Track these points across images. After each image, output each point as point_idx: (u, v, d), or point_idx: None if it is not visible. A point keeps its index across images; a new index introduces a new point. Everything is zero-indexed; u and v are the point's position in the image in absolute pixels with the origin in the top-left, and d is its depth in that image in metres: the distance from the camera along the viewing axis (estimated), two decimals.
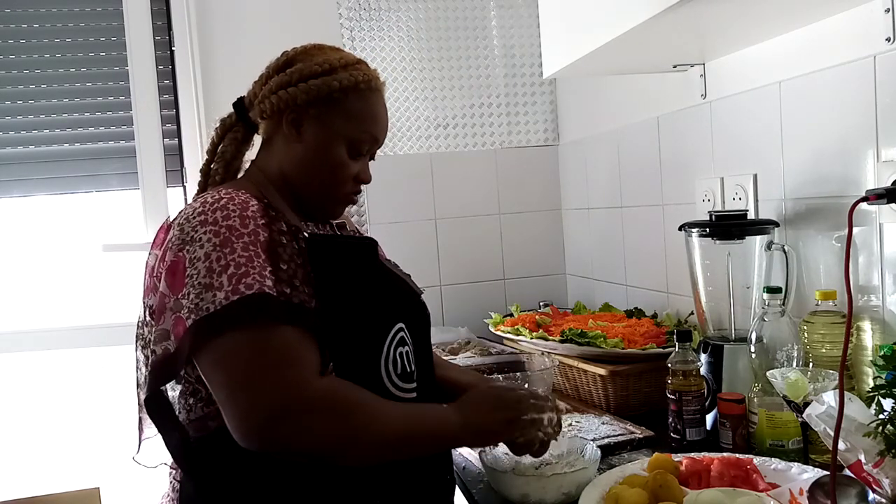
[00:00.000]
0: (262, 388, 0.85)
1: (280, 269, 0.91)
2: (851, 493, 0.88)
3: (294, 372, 0.87)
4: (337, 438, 0.89)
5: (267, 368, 0.85)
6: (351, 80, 1.04)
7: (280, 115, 1.05)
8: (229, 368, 0.86)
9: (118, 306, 2.15)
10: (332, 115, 1.05)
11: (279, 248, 0.93)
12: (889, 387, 0.93)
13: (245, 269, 0.88)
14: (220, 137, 1.12)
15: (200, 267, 0.89)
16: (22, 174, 2.11)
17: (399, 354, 1.01)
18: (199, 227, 0.92)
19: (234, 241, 0.90)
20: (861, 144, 1.21)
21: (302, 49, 1.09)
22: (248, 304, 0.86)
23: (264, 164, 1.09)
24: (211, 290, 0.87)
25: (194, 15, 2.15)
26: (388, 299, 1.05)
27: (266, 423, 0.84)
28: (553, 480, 1.07)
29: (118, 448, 1.18)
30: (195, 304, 0.87)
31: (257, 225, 0.93)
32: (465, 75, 2.36)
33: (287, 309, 0.88)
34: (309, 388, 0.87)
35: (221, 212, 0.92)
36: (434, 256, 2.37)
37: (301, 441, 0.86)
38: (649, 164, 1.88)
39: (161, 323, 0.92)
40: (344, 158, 1.06)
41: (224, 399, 0.86)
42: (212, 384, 0.88)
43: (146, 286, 1.02)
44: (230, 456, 0.89)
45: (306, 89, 1.03)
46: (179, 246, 0.92)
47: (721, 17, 1.20)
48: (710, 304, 1.43)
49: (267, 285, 0.88)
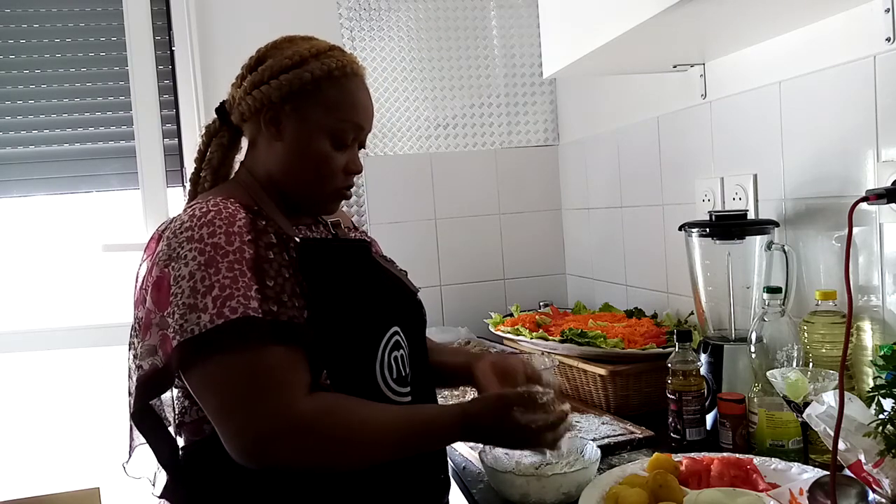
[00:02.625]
0: (250, 413, 0.85)
1: (266, 287, 0.90)
2: (851, 493, 0.88)
3: (281, 395, 0.87)
4: (330, 455, 0.90)
5: (254, 393, 0.86)
6: (323, 68, 1.00)
7: (258, 116, 1.02)
8: (218, 393, 0.86)
9: (118, 306, 2.14)
10: (308, 107, 1.01)
11: (265, 265, 0.91)
12: (889, 387, 0.93)
13: (229, 290, 0.87)
14: (206, 144, 1.11)
15: (185, 286, 0.88)
16: (22, 174, 2.11)
17: (394, 358, 1.01)
18: (186, 243, 0.91)
19: (218, 261, 0.89)
20: (861, 144, 1.21)
21: (272, 44, 1.06)
22: (233, 329, 0.85)
23: (252, 167, 1.07)
24: (196, 312, 0.86)
25: (194, 15, 2.15)
26: (382, 302, 1.04)
27: (257, 447, 0.85)
28: (553, 480, 1.07)
29: (118, 448, 1.18)
30: (180, 325, 0.87)
31: (243, 241, 0.91)
32: (465, 75, 2.36)
33: (273, 329, 0.88)
34: (297, 411, 0.87)
35: (207, 228, 0.91)
36: (434, 256, 2.37)
37: (295, 460, 0.88)
38: (649, 164, 1.88)
39: (147, 338, 0.92)
40: (328, 151, 1.03)
41: (216, 422, 0.87)
42: (203, 406, 0.89)
43: (135, 297, 1.00)
44: (225, 459, 0.90)
45: (278, 85, 1.00)
46: (165, 262, 0.92)
47: (721, 17, 1.20)
48: (710, 304, 1.43)
49: (252, 307, 0.87)
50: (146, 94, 2.11)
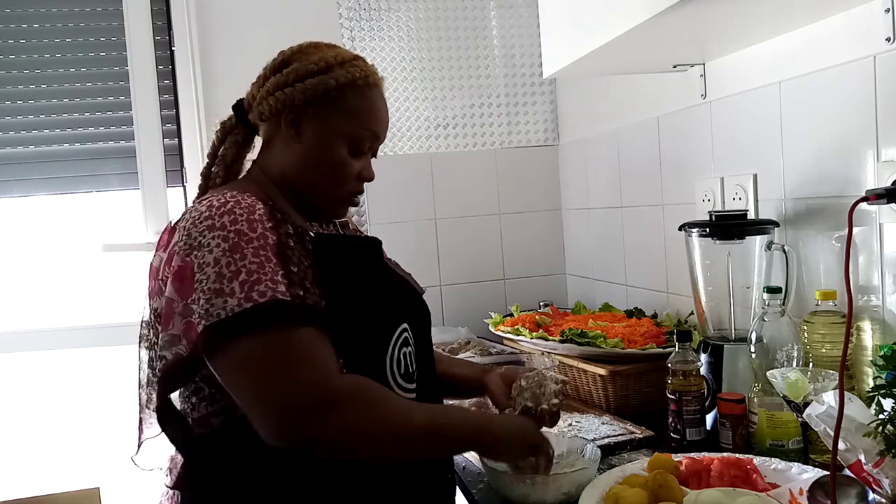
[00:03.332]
0: (289, 388, 0.84)
1: (291, 272, 0.90)
2: (851, 493, 0.88)
3: (318, 370, 0.86)
4: (366, 432, 0.89)
5: (291, 369, 0.85)
6: (348, 76, 1.03)
7: (279, 116, 1.04)
8: (252, 372, 0.85)
9: (118, 306, 2.15)
10: (330, 113, 1.04)
11: (288, 251, 0.92)
12: (889, 387, 0.93)
13: (257, 275, 0.87)
14: (221, 140, 1.12)
15: (210, 272, 0.88)
16: (22, 174, 2.11)
17: (403, 354, 1.02)
18: (207, 231, 0.91)
19: (243, 247, 0.89)
20: (861, 144, 1.21)
21: (298, 48, 1.09)
22: (262, 312, 0.85)
23: (265, 166, 1.09)
24: (222, 296, 0.86)
25: (194, 15, 2.15)
26: (393, 299, 1.06)
27: (297, 422, 0.84)
28: (553, 480, 1.07)
29: (118, 448, 1.18)
30: (205, 310, 0.86)
31: (265, 228, 0.92)
32: (465, 75, 2.36)
33: (302, 311, 0.88)
34: (335, 385, 0.87)
35: (229, 216, 0.91)
36: (434, 256, 2.37)
37: (333, 437, 0.86)
38: (649, 164, 1.88)
39: (170, 328, 0.91)
40: (345, 157, 1.05)
41: (251, 402, 0.86)
42: (234, 388, 0.87)
43: (150, 288, 1.00)
44: (232, 452, 0.89)
45: (303, 89, 1.02)
46: (187, 251, 0.91)
47: (721, 17, 1.20)
48: (710, 304, 1.43)
49: (280, 291, 0.87)
50: (146, 94, 2.11)
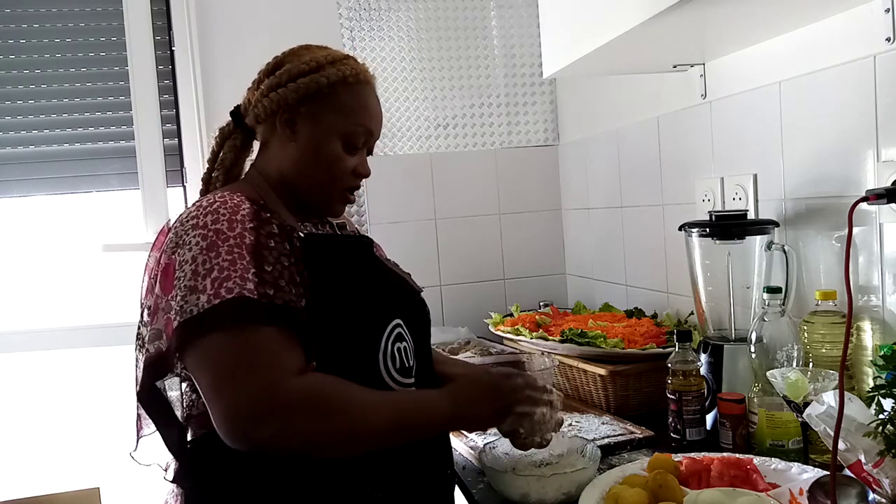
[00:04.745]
0: (239, 390, 0.86)
1: (264, 271, 0.92)
2: (851, 493, 0.88)
3: (268, 374, 0.87)
4: (320, 435, 0.89)
5: (242, 372, 0.86)
6: (339, 74, 1.06)
7: (274, 117, 1.07)
8: (210, 370, 0.88)
9: (118, 306, 2.15)
10: (323, 110, 1.06)
11: (265, 251, 0.94)
12: (889, 387, 0.93)
13: (227, 272, 0.90)
14: (220, 146, 1.15)
15: (187, 270, 0.91)
16: (22, 174, 2.11)
17: (397, 349, 1.03)
18: (191, 230, 0.94)
19: (219, 245, 0.92)
20: (861, 144, 1.21)
21: (290, 51, 1.12)
22: (227, 308, 0.87)
23: (263, 167, 1.11)
24: (195, 293, 0.89)
25: (194, 15, 2.15)
26: (384, 296, 1.06)
27: (246, 425, 0.85)
28: (553, 480, 1.07)
29: (118, 448, 1.18)
30: (180, 307, 0.89)
31: (244, 228, 0.94)
32: (465, 75, 2.36)
33: (267, 310, 0.89)
34: (286, 389, 0.87)
35: (212, 216, 0.95)
36: (434, 256, 2.37)
37: (284, 440, 0.87)
38: (649, 164, 1.88)
39: (155, 323, 0.95)
40: (339, 153, 1.08)
41: (208, 399, 0.88)
42: (199, 384, 0.90)
43: (145, 287, 1.04)
44: (232, 450, 0.90)
45: (296, 88, 1.05)
46: (172, 249, 0.95)
47: (721, 17, 1.20)
48: (710, 304, 1.43)
49: (248, 288, 0.89)
50: (146, 94, 2.11)
